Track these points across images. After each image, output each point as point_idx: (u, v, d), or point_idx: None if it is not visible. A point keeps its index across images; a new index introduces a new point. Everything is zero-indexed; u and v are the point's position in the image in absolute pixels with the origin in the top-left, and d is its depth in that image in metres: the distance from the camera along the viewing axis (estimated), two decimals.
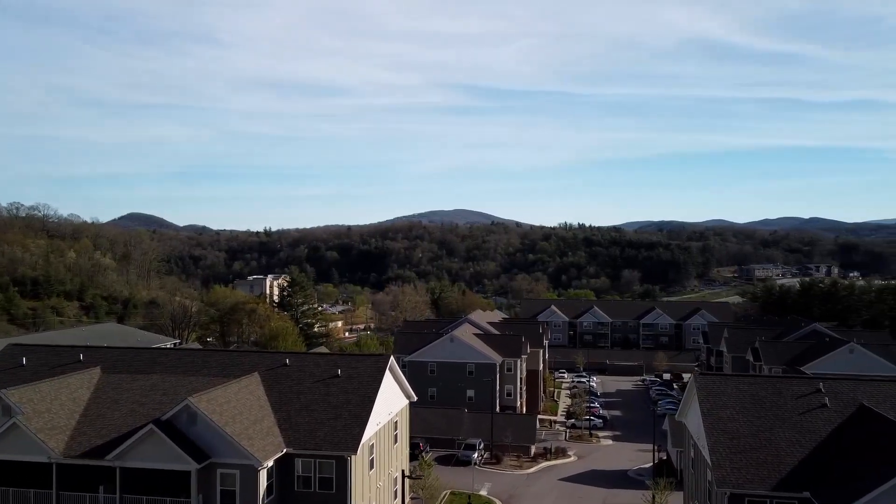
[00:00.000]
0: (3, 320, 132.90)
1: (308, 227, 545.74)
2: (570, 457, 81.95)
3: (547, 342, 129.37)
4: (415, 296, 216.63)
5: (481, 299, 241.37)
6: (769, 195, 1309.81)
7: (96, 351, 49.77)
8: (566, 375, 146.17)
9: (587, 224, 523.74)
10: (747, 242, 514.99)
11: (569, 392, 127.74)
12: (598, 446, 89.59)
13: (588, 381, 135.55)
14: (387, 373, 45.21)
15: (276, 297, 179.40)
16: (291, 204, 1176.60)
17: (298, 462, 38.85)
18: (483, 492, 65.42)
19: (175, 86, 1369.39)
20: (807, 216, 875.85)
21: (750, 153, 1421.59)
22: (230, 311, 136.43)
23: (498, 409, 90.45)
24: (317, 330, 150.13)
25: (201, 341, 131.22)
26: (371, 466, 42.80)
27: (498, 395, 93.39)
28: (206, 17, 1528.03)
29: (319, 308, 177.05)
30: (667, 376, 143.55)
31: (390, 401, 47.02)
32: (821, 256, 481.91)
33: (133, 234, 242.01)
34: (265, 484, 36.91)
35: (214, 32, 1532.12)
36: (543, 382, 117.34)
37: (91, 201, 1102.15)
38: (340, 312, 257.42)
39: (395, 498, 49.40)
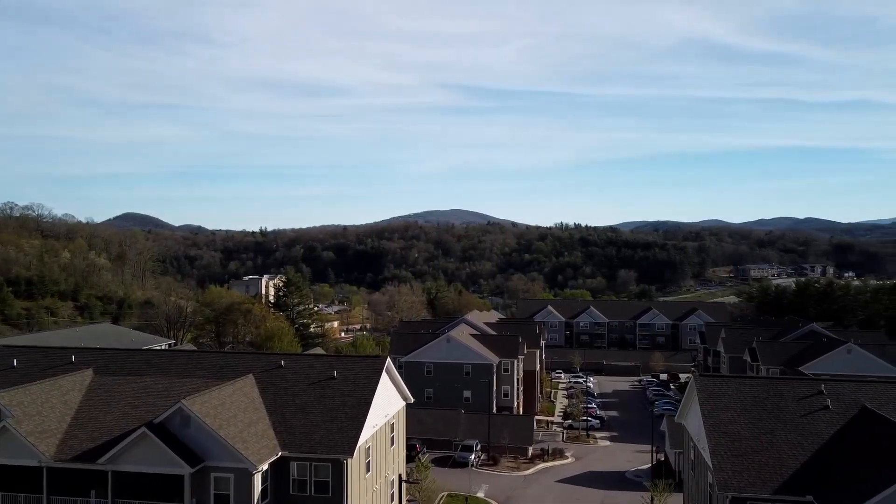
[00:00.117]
0: None
1: (304, 227, 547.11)
2: (567, 458, 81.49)
3: (543, 342, 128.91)
4: (411, 296, 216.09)
5: (477, 299, 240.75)
6: (765, 195, 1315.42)
7: (88, 352, 49.21)
8: (563, 376, 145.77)
9: (583, 224, 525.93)
10: (743, 242, 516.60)
11: (566, 393, 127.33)
12: (596, 447, 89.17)
13: (585, 381, 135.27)
14: (383, 374, 44.71)
15: (271, 298, 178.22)
16: (287, 204, 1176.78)
17: (294, 465, 38.34)
18: (480, 494, 64.91)
19: (172, 86, 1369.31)
20: (802, 216, 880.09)
21: (746, 153, 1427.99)
22: (226, 312, 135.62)
23: (495, 410, 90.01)
24: (313, 330, 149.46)
25: (196, 342, 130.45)
26: (367, 469, 42.28)
27: (495, 395, 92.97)
28: (204, 18, 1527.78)
29: (315, 308, 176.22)
30: (663, 376, 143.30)
31: (387, 403, 46.52)
32: (816, 256, 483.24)
33: (128, 234, 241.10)
34: (260, 488, 36.39)
35: (212, 32, 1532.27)
36: (540, 383, 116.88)
37: (86, 201, 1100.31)
38: (336, 313, 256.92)
39: (392, 501, 48.90)
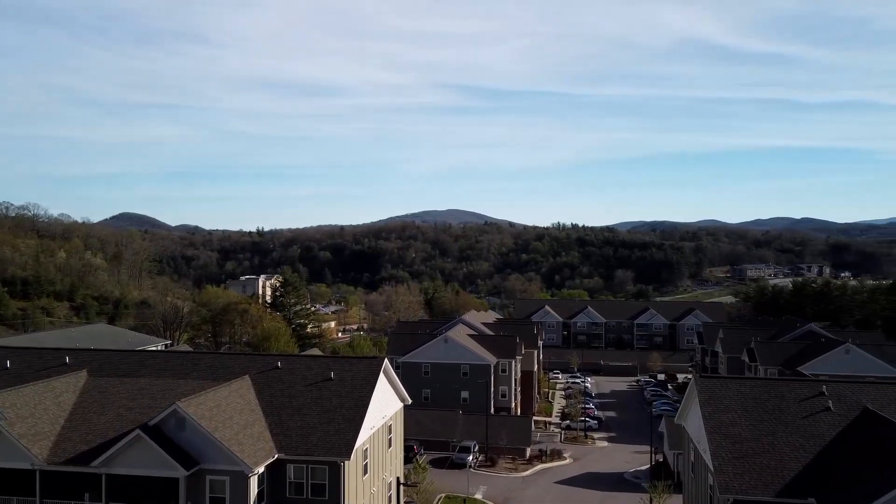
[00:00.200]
0: None
1: (301, 227, 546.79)
2: (565, 459, 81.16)
3: (541, 343, 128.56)
4: (408, 296, 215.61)
5: (475, 299, 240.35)
6: (761, 195, 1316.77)
7: (83, 353, 48.66)
8: (560, 376, 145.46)
9: (580, 224, 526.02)
10: (739, 243, 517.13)
11: (563, 393, 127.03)
12: (594, 448, 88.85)
13: (582, 381, 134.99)
14: (381, 375, 44.30)
15: (268, 298, 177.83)
16: (284, 204, 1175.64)
17: (290, 468, 37.92)
18: (478, 495, 64.56)
19: (171, 86, 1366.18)
20: (798, 216, 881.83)
21: (742, 153, 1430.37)
22: (222, 312, 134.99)
23: (492, 411, 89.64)
24: (310, 330, 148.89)
25: (192, 342, 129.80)
26: (365, 472, 41.87)
27: (492, 396, 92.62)
28: (201, 18, 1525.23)
29: (312, 308, 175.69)
30: (661, 377, 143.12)
31: (384, 404, 46.11)
32: (812, 256, 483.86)
33: (124, 234, 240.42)
34: (256, 491, 35.98)
35: (211, 32, 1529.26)
36: (538, 383, 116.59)
37: (82, 201, 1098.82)
38: (333, 313, 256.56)
39: (390, 503, 48.48)
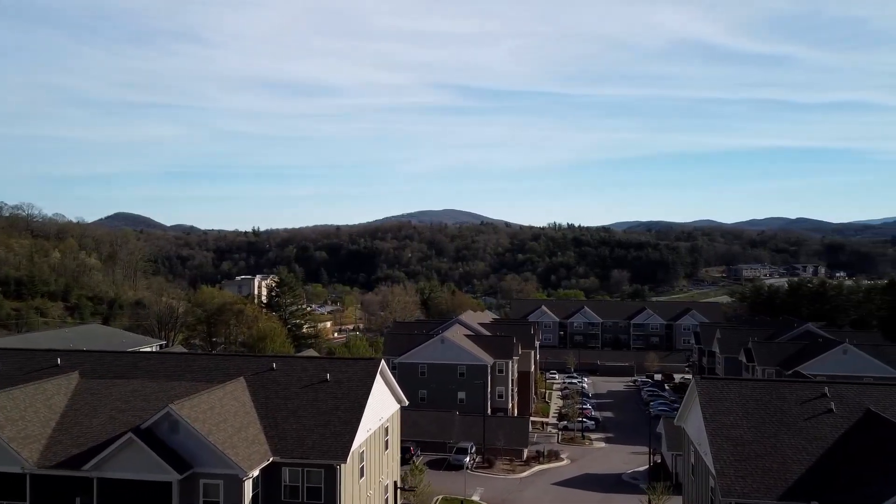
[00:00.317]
0: None
1: (297, 227, 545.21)
2: (562, 460, 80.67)
3: (538, 343, 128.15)
4: (404, 296, 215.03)
5: (471, 299, 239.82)
6: (756, 195, 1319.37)
7: (75, 355, 47.98)
8: (557, 376, 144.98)
9: (576, 224, 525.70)
10: (735, 242, 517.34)
11: (560, 393, 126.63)
12: (591, 449, 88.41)
13: (579, 382, 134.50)
14: (377, 377, 43.74)
15: (264, 298, 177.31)
16: (280, 204, 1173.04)
17: (285, 471, 37.37)
18: (475, 497, 64.08)
19: (167, 85, 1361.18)
20: (793, 216, 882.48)
21: (738, 153, 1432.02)
22: (217, 312, 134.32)
23: (489, 412, 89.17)
24: (305, 331, 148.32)
25: (187, 343, 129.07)
26: (361, 475, 41.32)
27: (489, 397, 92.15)
28: (197, 17, 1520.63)
29: (308, 308, 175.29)
30: (658, 377, 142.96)
31: (381, 406, 45.55)
32: (807, 256, 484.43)
33: (119, 234, 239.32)
34: (250, 494, 35.41)
35: (208, 32, 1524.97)
36: (535, 384, 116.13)
37: (77, 201, 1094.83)
38: (329, 313, 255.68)
39: None
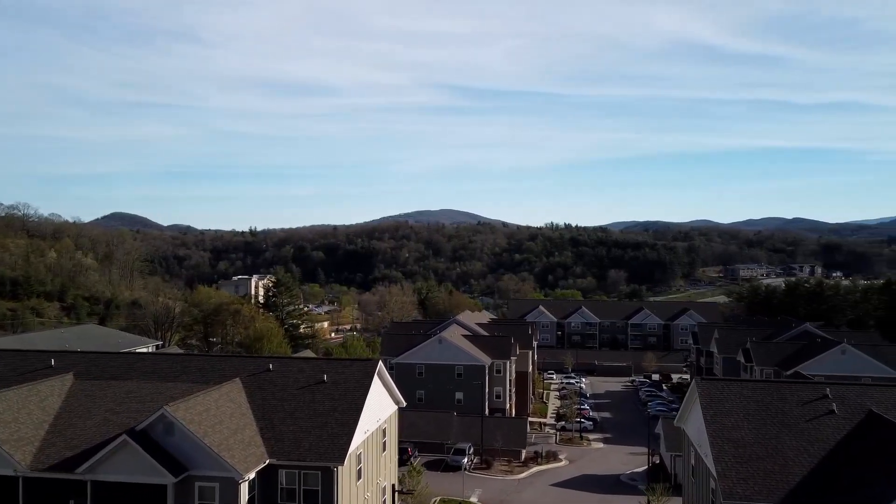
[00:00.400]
0: None
1: (294, 226, 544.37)
2: (561, 461, 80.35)
3: (535, 343, 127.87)
4: (402, 296, 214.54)
5: (468, 299, 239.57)
6: (753, 195, 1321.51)
7: (69, 356, 47.53)
8: (555, 377, 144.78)
9: (573, 224, 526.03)
10: (732, 242, 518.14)
11: (558, 394, 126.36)
12: (589, 449, 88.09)
13: (577, 382, 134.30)
14: (375, 378, 43.35)
15: (261, 298, 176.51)
16: (277, 204, 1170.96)
17: (282, 473, 36.95)
18: (473, 498, 63.73)
19: (163, 85, 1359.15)
20: (790, 216, 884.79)
21: (735, 154, 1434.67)
22: (214, 312, 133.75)
23: (487, 412, 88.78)
24: (302, 331, 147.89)
25: (184, 343, 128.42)
26: (359, 477, 40.93)
27: (487, 397, 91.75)
28: (196, 17, 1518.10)
29: (305, 308, 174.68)
30: (656, 377, 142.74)
31: (378, 407, 45.15)
32: (804, 256, 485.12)
33: (116, 234, 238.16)
34: (246, 497, 35.00)
35: (204, 32, 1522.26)
36: (532, 384, 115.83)
37: (74, 200, 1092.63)
38: (326, 313, 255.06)
39: None
